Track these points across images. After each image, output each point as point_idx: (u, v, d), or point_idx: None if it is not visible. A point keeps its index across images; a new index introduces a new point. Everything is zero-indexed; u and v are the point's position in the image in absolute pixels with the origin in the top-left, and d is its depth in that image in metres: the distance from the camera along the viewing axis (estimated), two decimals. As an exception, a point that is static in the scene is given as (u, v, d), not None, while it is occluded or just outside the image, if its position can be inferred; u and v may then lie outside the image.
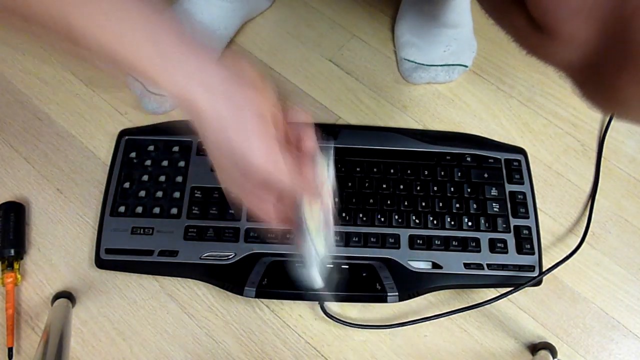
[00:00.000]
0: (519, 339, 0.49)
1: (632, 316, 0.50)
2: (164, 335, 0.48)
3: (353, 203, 0.51)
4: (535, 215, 0.52)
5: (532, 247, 0.50)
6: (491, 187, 0.52)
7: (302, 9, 0.65)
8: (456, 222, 0.50)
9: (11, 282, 0.48)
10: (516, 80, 0.62)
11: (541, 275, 0.49)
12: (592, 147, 0.59)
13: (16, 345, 0.47)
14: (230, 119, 0.31)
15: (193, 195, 0.50)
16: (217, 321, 0.49)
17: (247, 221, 0.49)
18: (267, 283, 0.47)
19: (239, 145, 0.31)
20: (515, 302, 0.51)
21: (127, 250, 0.48)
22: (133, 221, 0.49)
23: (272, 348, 0.48)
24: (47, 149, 0.56)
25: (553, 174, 0.57)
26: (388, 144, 0.54)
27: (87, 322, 0.48)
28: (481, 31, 0.63)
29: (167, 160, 0.52)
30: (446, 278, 0.48)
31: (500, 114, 0.60)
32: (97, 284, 0.50)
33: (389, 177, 0.52)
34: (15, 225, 0.50)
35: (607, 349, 0.49)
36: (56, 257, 0.51)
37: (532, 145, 0.58)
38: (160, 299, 0.49)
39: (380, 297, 0.47)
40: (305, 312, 0.50)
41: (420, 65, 0.60)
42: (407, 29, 0.62)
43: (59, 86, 0.59)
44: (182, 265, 0.48)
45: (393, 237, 0.49)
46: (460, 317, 0.49)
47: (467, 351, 0.49)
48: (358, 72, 0.62)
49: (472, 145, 0.55)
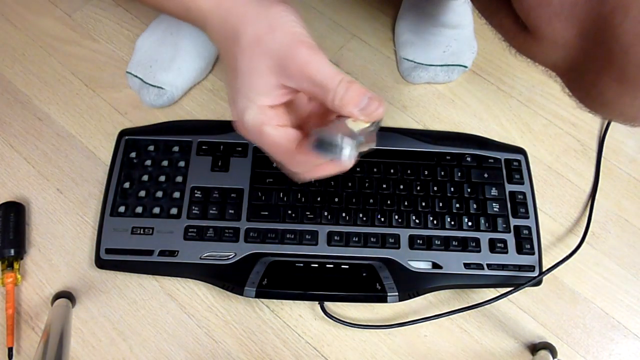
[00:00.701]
0: (519, 339, 0.49)
1: (632, 316, 0.50)
2: (164, 335, 0.48)
3: (353, 203, 0.51)
4: (535, 215, 0.52)
5: (532, 247, 0.50)
6: (491, 187, 0.52)
7: (302, 9, 0.65)
8: (456, 222, 0.50)
9: (11, 282, 0.48)
10: (516, 80, 0.62)
11: (541, 275, 0.49)
12: (592, 147, 0.59)
13: (16, 345, 0.47)
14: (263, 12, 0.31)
15: (193, 195, 0.50)
16: (217, 321, 0.49)
17: (247, 221, 0.50)
18: (267, 283, 0.47)
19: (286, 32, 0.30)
20: (515, 302, 0.51)
21: (127, 250, 0.48)
22: (133, 221, 0.49)
23: (272, 348, 0.48)
24: (47, 149, 0.56)
25: (553, 174, 0.57)
26: (388, 144, 0.54)
27: (87, 322, 0.48)
28: (481, 31, 0.63)
29: (167, 160, 0.52)
30: (446, 278, 0.48)
31: (500, 114, 0.60)
32: (97, 284, 0.50)
33: (389, 177, 0.52)
34: (15, 225, 0.50)
35: (607, 349, 0.49)
36: (56, 257, 0.51)
37: (532, 145, 0.58)
38: (160, 299, 0.49)
39: (380, 297, 0.47)
40: (305, 312, 0.50)
41: (420, 65, 0.60)
42: (408, 28, 0.62)
43: (59, 86, 0.59)
44: (182, 265, 0.48)
45: (393, 237, 0.49)
46: (460, 317, 0.49)
47: (467, 351, 0.49)
48: (358, 72, 0.62)
49: (472, 145, 0.55)
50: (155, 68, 0.57)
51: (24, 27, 0.63)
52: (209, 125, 0.55)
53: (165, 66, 0.57)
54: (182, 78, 0.57)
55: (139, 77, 0.57)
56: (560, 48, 0.29)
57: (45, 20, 0.63)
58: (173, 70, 0.56)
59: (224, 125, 0.55)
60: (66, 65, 0.60)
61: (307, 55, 0.30)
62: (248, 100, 0.31)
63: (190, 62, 0.57)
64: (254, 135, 0.32)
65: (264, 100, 0.31)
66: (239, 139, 0.53)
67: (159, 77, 0.56)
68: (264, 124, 0.31)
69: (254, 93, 0.31)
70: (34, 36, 0.62)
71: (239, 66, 0.31)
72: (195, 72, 0.58)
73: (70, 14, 0.64)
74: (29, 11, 0.64)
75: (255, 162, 0.52)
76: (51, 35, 0.62)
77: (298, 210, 0.50)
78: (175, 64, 0.57)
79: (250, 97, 0.31)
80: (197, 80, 0.59)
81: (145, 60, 0.58)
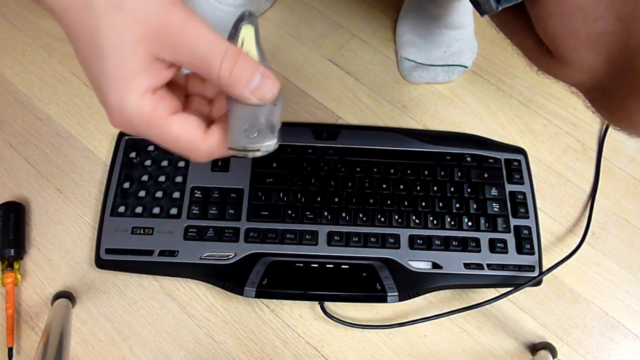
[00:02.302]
0: (519, 339, 0.49)
1: (632, 316, 0.50)
2: (164, 335, 0.48)
3: (353, 203, 0.51)
4: (535, 215, 0.52)
5: (532, 247, 0.50)
6: (491, 187, 0.52)
7: (302, 9, 0.65)
8: (456, 222, 0.50)
9: (11, 282, 0.48)
10: (516, 80, 0.62)
11: (541, 275, 0.49)
12: (592, 147, 0.59)
13: (16, 345, 0.47)
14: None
15: (193, 195, 0.50)
16: (217, 321, 0.49)
17: (247, 221, 0.50)
18: (267, 283, 0.47)
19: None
20: (515, 302, 0.51)
21: (127, 250, 0.48)
22: (133, 221, 0.49)
23: (272, 348, 0.48)
24: (47, 149, 0.56)
25: (553, 174, 0.57)
26: (388, 144, 0.54)
27: (87, 322, 0.48)
28: (481, 32, 0.63)
29: (167, 160, 0.52)
30: (446, 278, 0.48)
31: (500, 114, 0.60)
32: (97, 284, 0.50)
33: (389, 177, 0.52)
34: (15, 225, 0.50)
35: (607, 349, 0.49)
36: (56, 257, 0.51)
37: (532, 145, 0.58)
38: (160, 299, 0.49)
39: (380, 297, 0.47)
40: (305, 312, 0.50)
41: (420, 64, 0.60)
42: (409, 28, 0.62)
43: (59, 86, 0.59)
44: (182, 265, 0.48)
45: (393, 237, 0.49)
46: (460, 317, 0.49)
47: (467, 351, 0.49)
48: (358, 72, 0.62)
49: (472, 145, 0.55)
50: None
51: (24, 27, 0.63)
52: (209, 125, 0.55)
53: None
54: None
55: None
56: (586, 72, 0.28)
57: (45, 20, 0.63)
58: None
59: (224, 125, 0.55)
60: (66, 65, 0.60)
61: (183, 19, 0.24)
62: (123, 86, 0.25)
63: None
64: (143, 129, 0.26)
65: (143, 82, 0.25)
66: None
67: None
68: (152, 115, 0.26)
69: (129, 75, 0.25)
70: (34, 36, 0.62)
71: (100, 42, 0.24)
72: None
73: (70, 14, 0.64)
74: (29, 11, 0.64)
75: (255, 162, 0.52)
76: (51, 35, 0.62)
77: (298, 210, 0.50)
78: None
79: (125, 81, 0.25)
80: None
81: None
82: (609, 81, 0.28)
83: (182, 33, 0.24)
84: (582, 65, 0.28)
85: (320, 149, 0.53)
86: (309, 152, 0.53)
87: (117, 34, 0.24)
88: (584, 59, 0.27)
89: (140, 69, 0.25)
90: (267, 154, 0.26)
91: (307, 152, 0.53)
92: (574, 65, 0.28)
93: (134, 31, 0.24)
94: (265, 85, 0.26)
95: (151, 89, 0.26)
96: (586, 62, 0.27)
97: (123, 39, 0.24)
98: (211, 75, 0.25)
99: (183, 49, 0.25)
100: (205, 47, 0.25)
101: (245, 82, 0.25)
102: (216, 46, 0.25)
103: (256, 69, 0.25)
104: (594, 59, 0.27)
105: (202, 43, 0.25)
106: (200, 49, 0.25)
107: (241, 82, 0.25)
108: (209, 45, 0.25)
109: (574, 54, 0.27)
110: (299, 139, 0.54)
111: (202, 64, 0.25)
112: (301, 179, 0.51)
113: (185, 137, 0.27)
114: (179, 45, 0.24)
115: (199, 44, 0.24)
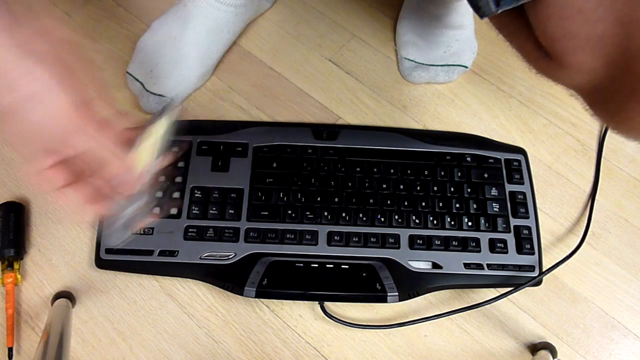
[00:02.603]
0: (519, 339, 0.49)
1: (632, 316, 0.50)
2: (164, 335, 0.48)
3: (353, 203, 0.51)
4: (535, 215, 0.52)
5: (532, 247, 0.50)
6: (491, 187, 0.52)
7: (303, 10, 0.65)
8: (456, 222, 0.50)
9: (11, 282, 0.48)
10: (516, 80, 0.62)
11: (541, 275, 0.49)
12: (592, 147, 0.59)
13: (16, 345, 0.47)
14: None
15: (193, 195, 0.50)
16: (217, 321, 0.49)
17: (247, 221, 0.50)
18: (267, 283, 0.47)
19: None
20: (515, 302, 0.51)
21: (127, 250, 0.48)
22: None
23: (272, 348, 0.48)
24: (47, 149, 0.56)
25: (553, 174, 0.57)
26: (388, 144, 0.54)
27: (87, 322, 0.48)
28: (482, 32, 0.63)
29: (167, 160, 0.52)
30: (446, 278, 0.48)
31: (500, 114, 0.60)
32: (97, 284, 0.50)
33: (389, 177, 0.52)
34: (15, 225, 0.50)
35: (607, 349, 0.49)
36: (56, 257, 0.51)
37: (532, 145, 0.58)
38: (160, 299, 0.49)
39: (380, 297, 0.47)
40: (305, 312, 0.50)
41: (420, 64, 0.60)
42: (409, 28, 0.62)
43: (59, 86, 0.59)
44: (182, 265, 0.48)
45: (393, 237, 0.49)
46: (460, 317, 0.49)
47: (467, 351, 0.49)
48: (358, 72, 0.62)
49: (472, 145, 0.55)
50: (157, 73, 0.56)
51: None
52: (209, 125, 0.55)
53: (166, 72, 0.56)
54: (183, 85, 0.57)
55: (139, 82, 0.56)
56: (585, 75, 0.28)
57: (44, 20, 0.63)
58: (175, 78, 0.56)
59: (224, 125, 0.55)
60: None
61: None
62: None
63: (192, 69, 0.57)
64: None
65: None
66: (239, 139, 0.53)
67: (160, 84, 0.55)
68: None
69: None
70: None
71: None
72: (197, 78, 0.58)
73: (70, 14, 0.64)
74: (29, 11, 0.64)
75: (255, 162, 0.52)
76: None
77: (298, 210, 0.50)
78: (177, 71, 0.56)
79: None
80: (199, 86, 0.59)
81: (146, 62, 0.57)
82: (608, 84, 0.28)
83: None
84: (581, 68, 0.28)
85: (320, 149, 0.53)
86: (309, 152, 0.53)
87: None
88: (583, 62, 0.27)
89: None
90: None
91: (307, 152, 0.53)
92: (573, 68, 0.28)
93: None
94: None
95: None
96: (585, 65, 0.27)
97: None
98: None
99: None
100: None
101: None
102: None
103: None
104: (593, 62, 0.27)
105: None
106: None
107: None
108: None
109: (573, 56, 0.27)
110: (299, 139, 0.54)
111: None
112: (301, 179, 0.51)
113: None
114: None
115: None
